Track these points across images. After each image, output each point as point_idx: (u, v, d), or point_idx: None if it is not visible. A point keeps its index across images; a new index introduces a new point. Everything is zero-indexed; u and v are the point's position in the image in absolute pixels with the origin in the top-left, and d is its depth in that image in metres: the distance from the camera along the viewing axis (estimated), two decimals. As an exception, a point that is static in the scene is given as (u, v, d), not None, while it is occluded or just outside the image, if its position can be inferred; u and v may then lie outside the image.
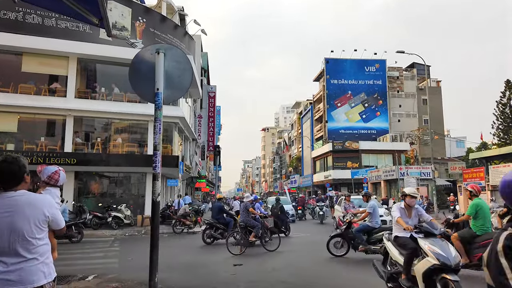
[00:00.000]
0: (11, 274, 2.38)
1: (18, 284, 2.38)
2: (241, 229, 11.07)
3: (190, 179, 35.14)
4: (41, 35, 18.47)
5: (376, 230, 9.09)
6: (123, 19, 20.08)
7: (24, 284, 2.40)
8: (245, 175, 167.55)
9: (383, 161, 43.59)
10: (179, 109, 21.54)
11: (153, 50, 4.32)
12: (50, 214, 2.62)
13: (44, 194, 3.08)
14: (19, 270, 2.40)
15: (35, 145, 18.90)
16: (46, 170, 3.58)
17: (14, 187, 2.55)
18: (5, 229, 2.42)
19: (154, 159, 4.15)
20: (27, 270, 2.43)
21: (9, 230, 2.42)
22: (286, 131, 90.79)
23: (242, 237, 10.85)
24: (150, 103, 4.37)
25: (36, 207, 2.56)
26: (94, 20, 3.88)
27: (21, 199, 2.53)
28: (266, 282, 7.29)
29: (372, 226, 9.12)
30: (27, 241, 2.46)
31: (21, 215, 2.46)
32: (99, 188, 20.42)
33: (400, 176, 30.88)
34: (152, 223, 4.24)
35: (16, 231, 2.43)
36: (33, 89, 19.14)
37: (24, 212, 2.48)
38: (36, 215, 2.53)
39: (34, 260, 2.47)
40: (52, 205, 2.70)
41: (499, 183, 2.06)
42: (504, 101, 42.14)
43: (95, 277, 7.41)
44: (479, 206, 6.93)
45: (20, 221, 2.45)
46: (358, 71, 52.03)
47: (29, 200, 2.56)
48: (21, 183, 2.60)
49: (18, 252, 2.42)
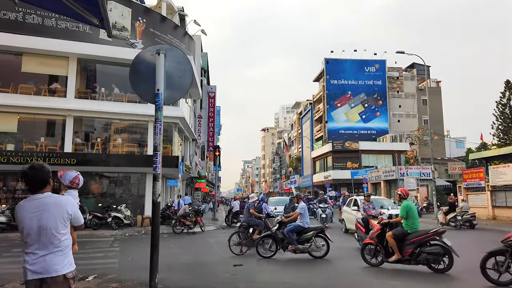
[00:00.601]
0: (39, 264, 2.82)
1: (45, 273, 2.81)
2: (244, 229, 11.12)
3: (190, 179, 35.13)
4: (41, 35, 18.46)
5: (306, 230, 9.58)
6: (123, 19, 20.07)
7: (50, 273, 2.82)
8: (245, 175, 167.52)
9: (383, 162, 43.61)
10: (179, 109, 21.54)
11: (154, 51, 4.33)
12: (72, 213, 3.05)
13: (66, 196, 3.50)
14: (46, 261, 2.84)
15: (35, 145, 18.90)
16: (67, 175, 4.03)
17: (41, 190, 2.98)
18: (35, 226, 2.85)
19: (155, 160, 4.16)
20: (53, 260, 2.86)
21: (39, 226, 2.86)
22: (286, 131, 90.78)
23: (245, 237, 10.85)
24: (150, 103, 4.38)
25: (61, 206, 2.99)
26: (95, 20, 3.89)
27: (48, 200, 2.96)
28: (266, 283, 7.29)
29: (303, 226, 9.60)
30: (54, 236, 2.89)
31: (49, 214, 2.90)
32: (99, 188, 20.40)
33: (400, 176, 30.90)
34: (152, 223, 4.26)
35: (44, 227, 2.86)
36: (33, 89, 19.13)
37: (52, 211, 2.92)
38: (61, 214, 2.96)
39: (59, 252, 2.91)
40: (74, 204, 3.14)
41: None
42: (504, 101, 42.14)
43: (95, 277, 7.41)
44: (409, 207, 7.84)
45: (48, 219, 2.89)
46: (358, 71, 52.05)
47: (55, 201, 3.00)
48: (46, 186, 3.02)
49: (46, 246, 2.86)
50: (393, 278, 7.54)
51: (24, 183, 3.12)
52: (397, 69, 54.20)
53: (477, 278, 6.68)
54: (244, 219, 11.36)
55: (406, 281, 7.30)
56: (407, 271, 7.88)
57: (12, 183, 18.83)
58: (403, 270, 7.91)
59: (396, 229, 8.06)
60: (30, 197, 2.96)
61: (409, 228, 7.76)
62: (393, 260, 7.84)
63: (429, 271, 7.71)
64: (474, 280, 6.92)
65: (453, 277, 7.38)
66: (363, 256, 8.54)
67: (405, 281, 7.27)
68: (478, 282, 6.69)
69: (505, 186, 21.32)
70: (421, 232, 7.76)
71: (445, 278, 7.33)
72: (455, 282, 7.24)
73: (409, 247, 7.64)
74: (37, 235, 2.85)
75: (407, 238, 7.73)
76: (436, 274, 7.58)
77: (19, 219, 2.91)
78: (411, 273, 7.76)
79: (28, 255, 2.84)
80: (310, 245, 9.41)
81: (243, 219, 11.46)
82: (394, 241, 7.76)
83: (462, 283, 7.25)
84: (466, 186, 24.38)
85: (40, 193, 2.98)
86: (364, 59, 52.15)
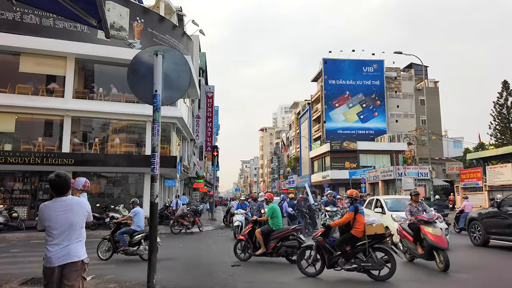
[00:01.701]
0: (64, 251, 3.48)
1: (69, 259, 3.48)
2: None
3: (188, 180, 35.11)
4: (39, 35, 18.43)
5: (137, 233, 9.91)
6: (121, 19, 20.04)
7: (72, 258, 3.50)
8: (243, 175, 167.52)
9: (381, 162, 43.69)
10: (177, 110, 21.53)
11: (152, 52, 4.33)
12: (88, 211, 3.79)
13: (82, 198, 4.26)
14: (70, 249, 3.51)
15: (32, 146, 18.87)
16: (79, 181, 4.94)
17: (65, 194, 3.64)
18: (63, 221, 3.52)
19: (153, 161, 4.17)
20: (75, 249, 3.55)
21: (66, 222, 3.53)
22: (284, 131, 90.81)
23: None
24: (148, 104, 4.38)
25: (82, 206, 3.72)
26: (93, 22, 3.89)
27: (72, 201, 3.68)
28: (264, 283, 7.30)
29: (134, 229, 9.99)
30: (77, 230, 3.60)
31: (74, 212, 3.60)
32: (96, 189, 20.38)
33: (397, 176, 30.93)
34: (150, 224, 4.26)
35: (70, 223, 3.55)
36: (30, 89, 19.11)
37: (76, 210, 3.63)
38: (83, 211, 3.70)
39: (79, 242, 3.62)
40: (88, 204, 3.87)
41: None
42: (501, 101, 42.31)
43: (93, 277, 7.41)
44: (273, 208, 9.30)
45: (73, 216, 3.59)
46: (356, 71, 52.11)
47: (77, 201, 3.75)
48: (68, 190, 3.71)
49: (70, 237, 3.53)
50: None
51: (51, 187, 3.65)
52: (395, 69, 54.30)
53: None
54: None
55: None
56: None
57: (10, 183, 18.80)
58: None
59: (263, 226, 9.30)
60: (55, 199, 3.61)
61: (274, 226, 9.12)
62: (259, 254, 9.05)
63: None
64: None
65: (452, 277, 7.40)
66: (235, 251, 9.61)
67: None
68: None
69: (502, 186, 21.39)
70: (283, 229, 9.10)
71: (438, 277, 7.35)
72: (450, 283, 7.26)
73: (272, 242, 8.94)
74: (63, 229, 3.51)
75: (271, 234, 9.01)
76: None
77: (45, 217, 3.53)
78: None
79: (52, 246, 3.46)
80: (138, 247, 9.66)
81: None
82: (261, 236, 9.01)
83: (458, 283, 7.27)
84: (464, 186, 24.46)
85: (64, 196, 3.64)
86: (362, 59, 52.23)
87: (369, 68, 52.36)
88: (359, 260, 7.12)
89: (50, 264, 3.43)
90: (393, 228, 10.26)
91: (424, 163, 35.05)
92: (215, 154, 27.38)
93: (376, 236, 7.06)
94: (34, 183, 19.05)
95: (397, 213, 11.37)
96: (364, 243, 7.06)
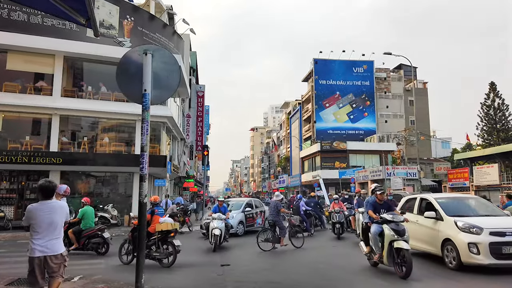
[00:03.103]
0: (47, 246, 4.23)
1: (49, 252, 4.22)
2: (270, 226, 11.39)
3: (178, 179, 34.95)
4: (27, 33, 18.19)
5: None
6: (110, 17, 19.89)
7: (52, 252, 4.25)
8: (233, 175, 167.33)
9: (370, 161, 44.02)
10: (167, 109, 21.42)
11: (141, 51, 4.32)
12: (67, 212, 4.58)
13: (63, 201, 5.21)
14: (52, 244, 4.27)
15: (19, 144, 18.61)
16: (60, 188, 6.47)
17: (50, 198, 4.41)
18: (47, 221, 4.26)
19: (142, 160, 4.15)
20: (55, 244, 4.31)
21: (49, 221, 4.28)
22: (275, 131, 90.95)
23: (272, 234, 11.16)
24: (137, 103, 4.36)
25: (63, 209, 4.51)
26: (81, 20, 3.85)
27: (56, 204, 4.44)
28: (253, 283, 7.31)
29: None
30: (57, 228, 4.36)
31: (57, 214, 4.36)
32: (85, 188, 20.17)
33: (386, 176, 31.22)
34: (139, 225, 4.24)
35: (53, 222, 4.31)
36: (18, 87, 18.84)
37: (58, 212, 4.39)
38: (64, 213, 4.49)
39: (58, 239, 4.37)
40: (67, 207, 4.70)
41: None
42: (488, 103, 42.96)
43: (81, 278, 7.34)
44: (85, 211, 10.68)
45: (56, 217, 4.34)
46: (346, 72, 52.44)
47: (60, 205, 4.52)
48: (54, 195, 4.50)
49: (52, 234, 4.29)
50: (384, 279, 7.64)
51: (40, 191, 4.40)
52: (384, 70, 54.76)
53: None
54: (271, 217, 11.45)
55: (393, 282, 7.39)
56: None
57: (-4, 183, 18.53)
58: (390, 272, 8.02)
59: (74, 227, 10.56)
60: (41, 201, 4.35)
61: (83, 226, 10.59)
62: (73, 249, 10.21)
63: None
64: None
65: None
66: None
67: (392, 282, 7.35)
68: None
69: (489, 186, 21.75)
70: (91, 229, 10.59)
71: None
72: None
73: (83, 239, 10.49)
74: (47, 227, 4.25)
75: (82, 233, 10.52)
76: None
77: (32, 216, 4.25)
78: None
79: (37, 240, 4.20)
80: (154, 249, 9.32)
81: (269, 217, 11.63)
82: (73, 235, 10.39)
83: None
84: (451, 186, 24.81)
85: (49, 200, 4.39)
86: (353, 60, 52.59)
87: (359, 69, 52.74)
88: (152, 251, 8.88)
89: (33, 255, 4.19)
90: (460, 243, 7.63)
91: (413, 163, 35.42)
92: (206, 153, 27.32)
93: (164, 232, 8.99)
94: (21, 182, 18.79)
95: (465, 220, 7.98)
96: (155, 238, 8.97)
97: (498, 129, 41.77)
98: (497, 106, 42.41)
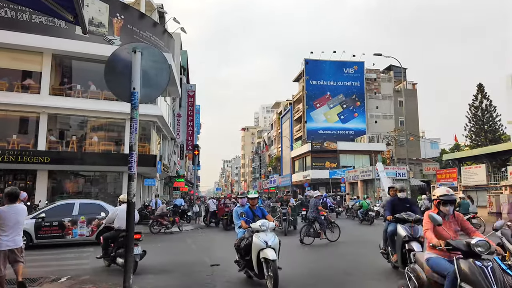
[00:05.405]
0: (13, 240, 5.56)
1: (14, 246, 5.57)
2: (310, 222, 12.41)
3: (169, 179, 34.78)
4: (14, 30, 17.92)
5: None
6: (100, 15, 19.69)
7: (17, 245, 5.62)
8: (224, 174, 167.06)
9: (360, 162, 44.34)
10: (157, 108, 21.29)
11: (130, 49, 4.26)
12: (26, 214, 6.03)
13: (22, 205, 6.15)
14: (15, 239, 5.59)
15: (6, 143, 18.34)
16: (22, 194, 8.08)
17: (15, 202, 5.74)
18: (14, 220, 5.58)
19: (130, 159, 4.10)
20: (18, 239, 5.66)
21: (16, 221, 5.60)
22: (266, 131, 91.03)
23: (312, 229, 12.17)
24: (126, 102, 4.31)
25: (25, 211, 5.95)
26: (69, 16, 3.77)
27: (19, 207, 5.80)
28: (243, 283, 7.29)
29: None
30: (20, 226, 5.74)
31: (20, 215, 5.75)
32: (74, 187, 19.94)
33: (376, 176, 31.46)
34: (127, 225, 4.18)
35: (18, 222, 5.65)
36: (5, 85, 18.56)
37: (21, 213, 5.79)
38: (25, 214, 5.93)
39: (20, 235, 5.71)
40: (26, 209, 6.08)
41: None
42: (476, 104, 43.43)
43: (68, 278, 7.25)
44: None
45: (20, 217, 5.72)
46: (337, 72, 52.72)
47: (22, 208, 5.89)
48: (17, 199, 5.84)
49: (16, 231, 5.62)
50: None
51: (7, 197, 5.64)
52: (375, 71, 55.18)
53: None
54: (312, 215, 12.55)
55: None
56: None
57: (-18, 182, 18.26)
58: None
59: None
60: (8, 205, 5.64)
61: None
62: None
63: None
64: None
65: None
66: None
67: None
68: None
69: (476, 186, 22.04)
70: None
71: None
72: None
73: None
74: (13, 225, 5.55)
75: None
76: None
77: (2, 217, 5.46)
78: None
79: (4, 236, 5.46)
80: None
81: (310, 214, 12.70)
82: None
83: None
84: (440, 186, 25.07)
85: (14, 204, 5.71)
86: (343, 61, 52.88)
87: (350, 69, 53.06)
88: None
89: (1, 248, 5.41)
90: None
91: (402, 163, 35.73)
92: (196, 153, 27.19)
93: None
94: (8, 181, 18.50)
95: None
96: None
97: (486, 130, 42.30)
98: (484, 107, 42.94)
